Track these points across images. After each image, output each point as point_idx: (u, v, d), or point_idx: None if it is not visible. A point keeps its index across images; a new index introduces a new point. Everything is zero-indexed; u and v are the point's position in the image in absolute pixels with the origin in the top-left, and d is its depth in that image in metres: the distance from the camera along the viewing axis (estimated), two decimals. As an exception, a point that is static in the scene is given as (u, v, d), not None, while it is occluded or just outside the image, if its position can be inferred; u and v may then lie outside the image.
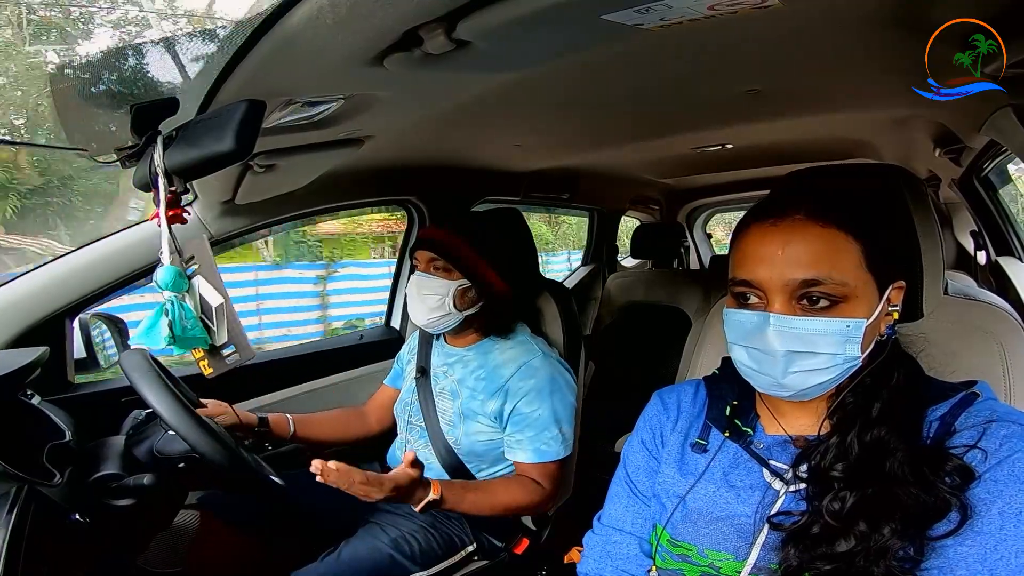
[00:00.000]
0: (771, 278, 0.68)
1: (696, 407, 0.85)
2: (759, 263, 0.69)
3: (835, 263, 0.66)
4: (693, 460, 0.79)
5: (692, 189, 3.51)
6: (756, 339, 0.69)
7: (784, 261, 0.67)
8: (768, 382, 0.70)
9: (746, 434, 0.77)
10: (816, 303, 0.67)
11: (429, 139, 1.51)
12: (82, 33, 7.28)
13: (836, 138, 2.02)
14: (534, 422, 1.28)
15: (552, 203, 2.80)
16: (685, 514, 0.76)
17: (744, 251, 0.72)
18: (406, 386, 1.50)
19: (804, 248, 0.67)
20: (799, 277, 0.66)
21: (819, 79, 1.19)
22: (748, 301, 0.71)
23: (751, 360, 0.71)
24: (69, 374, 1.34)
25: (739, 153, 2.19)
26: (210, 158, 0.77)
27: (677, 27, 0.71)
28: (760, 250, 0.69)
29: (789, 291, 0.67)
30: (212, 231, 1.44)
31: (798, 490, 0.70)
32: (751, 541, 0.70)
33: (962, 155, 1.76)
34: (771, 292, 0.68)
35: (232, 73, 0.75)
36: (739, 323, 0.71)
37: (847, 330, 0.66)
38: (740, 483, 0.74)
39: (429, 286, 1.33)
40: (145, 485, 1.02)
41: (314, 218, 4.18)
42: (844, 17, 0.79)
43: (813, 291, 0.66)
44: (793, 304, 0.68)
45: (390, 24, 0.66)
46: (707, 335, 1.09)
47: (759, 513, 0.71)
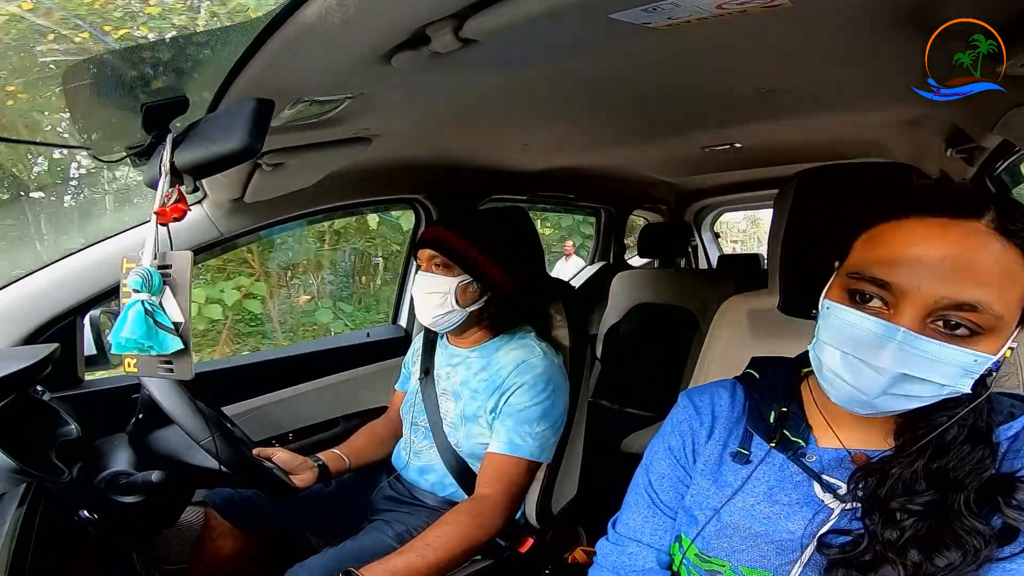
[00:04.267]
0: (920, 288, 0.56)
1: (735, 412, 0.78)
2: (910, 266, 0.57)
3: (1004, 290, 0.55)
4: (732, 470, 0.73)
5: (700, 189, 3.50)
6: (866, 350, 0.59)
7: (945, 273, 0.56)
8: (853, 396, 0.61)
9: (796, 445, 0.70)
10: (955, 328, 0.56)
11: (436, 138, 1.51)
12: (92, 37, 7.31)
13: (846, 138, 2.01)
14: (518, 414, 1.27)
15: (559, 202, 2.80)
16: (720, 528, 0.70)
17: (889, 245, 0.60)
18: (411, 387, 1.50)
19: (978, 264, 0.55)
20: (962, 298, 0.55)
21: (828, 78, 1.18)
22: (867, 303, 0.60)
23: (847, 370, 0.61)
24: (79, 371, 1.35)
25: (747, 153, 2.17)
26: (219, 156, 0.78)
27: (685, 26, 0.70)
28: (916, 251, 0.57)
29: (932, 308, 0.56)
30: (221, 229, 1.45)
31: (853, 508, 0.65)
32: (794, 559, 0.65)
33: (974, 155, 1.74)
34: (908, 303, 0.57)
35: (241, 72, 0.76)
36: (849, 325, 0.60)
37: (973, 364, 0.57)
38: (786, 498, 0.69)
39: (431, 284, 1.33)
40: (153, 482, 1.03)
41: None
42: (854, 16, 0.79)
43: (962, 316, 0.56)
44: (925, 323, 0.57)
45: (398, 23, 0.66)
46: (715, 335, 1.08)
47: (808, 531, 0.66)
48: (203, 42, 0.79)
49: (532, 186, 2.30)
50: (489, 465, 1.27)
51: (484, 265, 1.33)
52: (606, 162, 2.36)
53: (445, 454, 1.36)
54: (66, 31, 1.74)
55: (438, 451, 1.37)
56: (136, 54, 0.86)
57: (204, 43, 0.79)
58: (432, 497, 1.39)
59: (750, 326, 1.05)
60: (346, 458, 1.42)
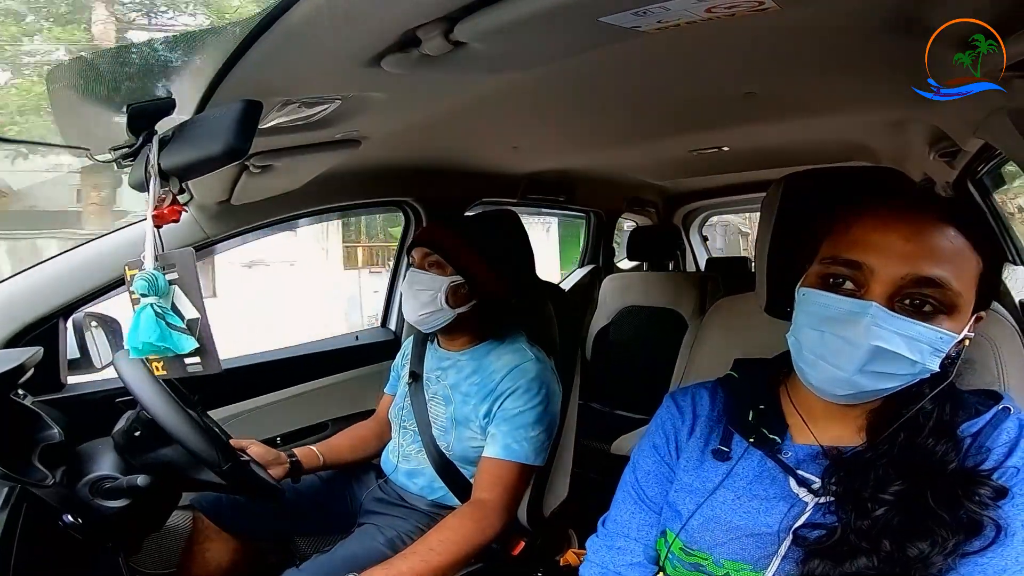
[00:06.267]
0: (886, 266, 0.63)
1: (715, 411, 0.81)
2: (876, 247, 0.64)
3: (959, 269, 0.62)
4: (713, 467, 0.76)
5: (688, 192, 3.52)
6: (842, 327, 0.64)
7: (908, 252, 0.62)
8: (834, 376, 0.65)
9: (773, 442, 0.74)
10: (920, 307, 0.62)
11: (426, 140, 1.51)
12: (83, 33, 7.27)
13: (832, 141, 2.03)
14: (513, 418, 1.27)
15: (549, 205, 2.81)
16: (703, 522, 0.73)
17: (857, 232, 0.66)
18: (400, 391, 1.49)
19: (935, 244, 0.63)
20: (921, 274, 0.61)
21: (815, 82, 1.20)
22: (841, 286, 0.66)
23: (824, 348, 0.65)
24: (62, 375, 1.33)
25: (735, 156, 2.20)
26: (206, 158, 0.77)
27: (675, 29, 0.71)
28: (881, 234, 0.64)
29: (898, 286, 0.62)
30: (207, 231, 1.43)
31: (827, 502, 0.68)
32: (772, 552, 0.68)
33: (956, 158, 1.77)
34: (877, 282, 0.63)
35: (229, 73, 0.75)
36: (825, 306, 0.65)
37: (939, 341, 0.62)
38: (764, 493, 0.72)
39: (422, 281, 1.33)
40: (139, 486, 1.02)
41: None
42: (840, 20, 0.80)
43: (925, 292, 0.62)
44: (894, 301, 0.63)
45: (388, 25, 0.66)
46: (704, 337, 1.09)
47: (784, 524, 0.68)
48: (191, 43, 0.78)
49: (522, 189, 2.30)
50: (486, 470, 1.27)
51: (478, 269, 1.33)
52: (595, 165, 2.37)
53: (434, 458, 1.36)
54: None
55: (427, 455, 1.37)
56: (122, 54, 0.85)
57: (192, 44, 0.78)
58: (421, 500, 1.38)
59: (738, 328, 1.06)
60: (321, 456, 1.41)
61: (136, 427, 1.07)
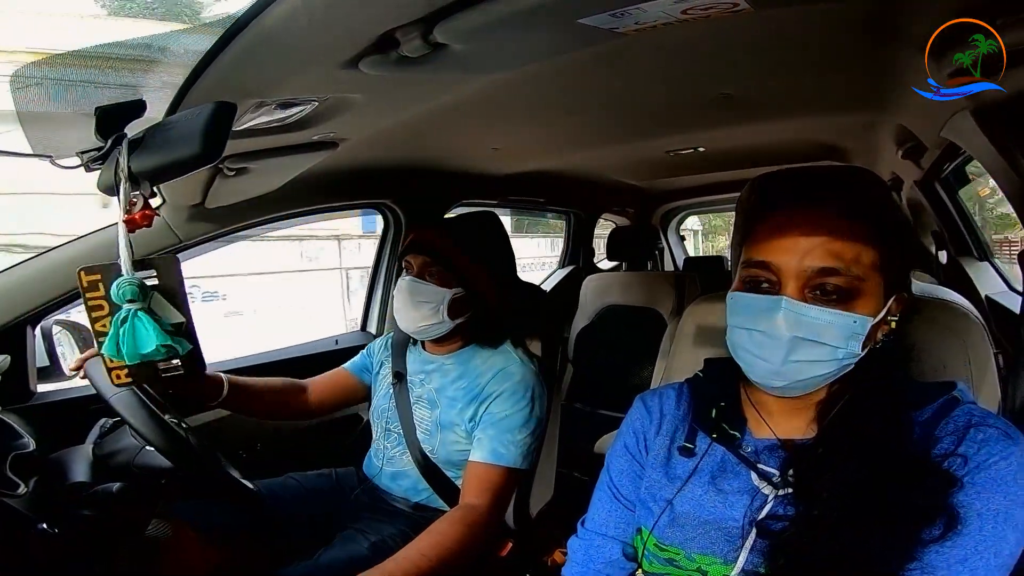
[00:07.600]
0: (789, 262, 0.68)
1: (681, 410, 0.85)
2: (780, 247, 0.69)
3: (855, 258, 0.68)
4: (680, 464, 0.79)
5: (666, 192, 3.56)
6: (763, 322, 0.69)
7: (806, 248, 0.68)
8: (766, 369, 0.70)
9: (733, 437, 0.77)
10: (828, 295, 0.68)
11: (405, 142, 1.50)
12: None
13: (805, 141, 2.08)
14: (499, 422, 1.26)
15: (529, 206, 2.81)
16: (673, 518, 0.75)
17: (764, 234, 0.72)
18: (382, 392, 1.48)
19: (829, 238, 0.68)
20: (818, 265, 0.67)
21: (789, 83, 1.22)
22: (760, 286, 0.71)
23: (752, 344, 0.71)
24: (31, 383, 1.29)
25: (711, 156, 2.23)
26: (178, 161, 0.76)
27: (651, 31, 0.72)
28: (782, 234, 0.70)
29: (804, 278, 0.68)
30: (180, 235, 1.40)
31: (787, 494, 0.70)
32: (739, 545, 0.70)
33: (923, 157, 1.82)
34: (786, 277, 0.69)
35: (203, 74, 0.74)
36: (747, 306, 0.71)
37: (853, 325, 0.67)
38: (728, 487, 0.74)
39: (424, 292, 1.30)
40: (115, 494, 1.00)
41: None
42: (813, 23, 0.82)
43: (828, 281, 0.67)
44: (805, 293, 0.68)
45: (366, 26, 0.66)
46: (682, 336, 1.10)
47: (747, 517, 0.71)
48: (164, 43, 0.77)
49: (502, 190, 2.30)
50: (474, 476, 1.26)
51: (479, 279, 1.31)
52: (574, 166, 2.38)
53: (419, 461, 1.35)
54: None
55: (411, 457, 1.36)
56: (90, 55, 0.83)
57: (165, 44, 0.77)
58: (405, 502, 1.37)
59: (714, 327, 1.07)
60: (226, 387, 1.29)
61: (110, 434, 1.05)
